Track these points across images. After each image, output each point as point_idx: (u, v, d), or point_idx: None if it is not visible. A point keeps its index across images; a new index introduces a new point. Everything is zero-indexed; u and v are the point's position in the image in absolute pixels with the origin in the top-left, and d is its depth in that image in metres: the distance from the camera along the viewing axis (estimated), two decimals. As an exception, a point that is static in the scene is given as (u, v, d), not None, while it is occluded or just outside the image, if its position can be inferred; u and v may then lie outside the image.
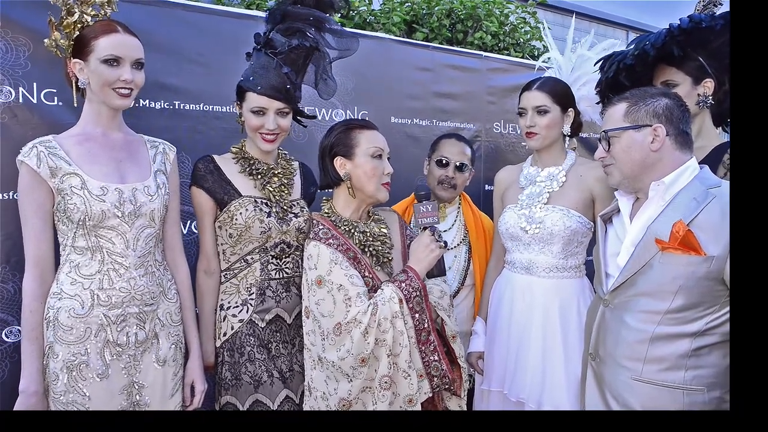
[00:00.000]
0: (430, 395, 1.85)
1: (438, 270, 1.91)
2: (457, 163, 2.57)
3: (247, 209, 2.00)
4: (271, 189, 2.07)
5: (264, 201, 2.05)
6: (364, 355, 1.73)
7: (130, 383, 1.81)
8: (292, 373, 2.06)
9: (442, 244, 1.89)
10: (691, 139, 1.70)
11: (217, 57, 2.48)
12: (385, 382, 1.75)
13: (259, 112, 2.02)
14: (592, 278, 2.34)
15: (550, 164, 2.34)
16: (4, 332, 2.06)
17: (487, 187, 3.37)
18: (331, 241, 1.86)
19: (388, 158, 1.95)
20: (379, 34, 3.60)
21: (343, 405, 1.76)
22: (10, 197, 2.03)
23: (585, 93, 2.61)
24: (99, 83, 1.77)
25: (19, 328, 2.03)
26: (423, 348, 1.82)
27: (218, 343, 2.06)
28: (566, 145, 2.37)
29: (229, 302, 2.06)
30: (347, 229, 1.91)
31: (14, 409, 1.71)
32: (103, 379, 1.76)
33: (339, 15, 4.04)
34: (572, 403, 2.20)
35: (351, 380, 1.75)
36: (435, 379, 1.84)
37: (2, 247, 2.04)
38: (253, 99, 2.01)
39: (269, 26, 2.08)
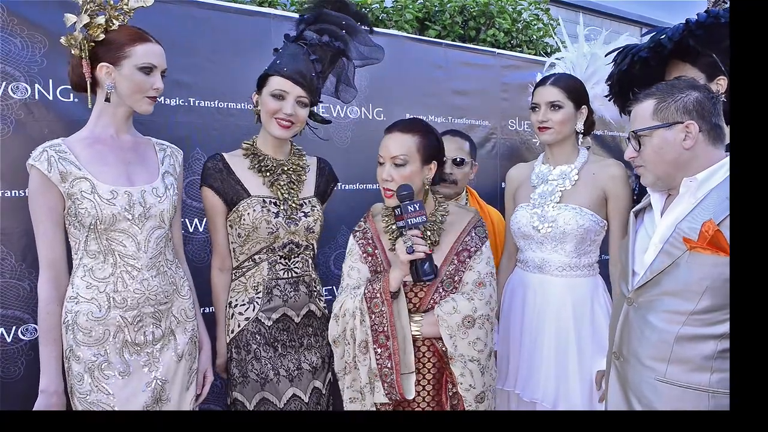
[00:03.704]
0: (386, 401, 1.84)
1: (422, 272, 1.79)
2: (457, 159, 2.56)
3: (254, 210, 2.00)
4: (279, 186, 2.06)
5: (272, 201, 2.03)
6: (334, 338, 1.94)
7: (152, 380, 1.82)
8: (300, 371, 2.06)
9: (410, 247, 1.79)
10: (724, 132, 1.64)
11: (231, 54, 2.47)
12: (350, 365, 1.92)
13: (280, 96, 1.99)
14: (605, 277, 2.33)
15: (562, 162, 2.31)
16: (20, 330, 2.06)
17: (503, 185, 3.34)
18: (357, 233, 2.03)
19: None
20: (391, 31, 3.59)
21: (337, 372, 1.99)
22: (27, 194, 2.01)
23: (599, 91, 2.59)
24: (131, 89, 1.78)
25: (35, 326, 2.03)
26: (380, 351, 1.84)
27: (227, 340, 2.07)
28: (579, 143, 2.34)
29: (236, 300, 2.06)
30: (387, 224, 1.99)
31: (35, 407, 1.73)
32: (125, 377, 1.77)
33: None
34: (585, 403, 2.19)
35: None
36: (386, 385, 1.83)
37: (18, 244, 2.04)
38: (276, 82, 2.00)
39: (302, 26, 2.09)
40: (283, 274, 2.05)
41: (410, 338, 1.87)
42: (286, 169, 2.10)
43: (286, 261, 2.06)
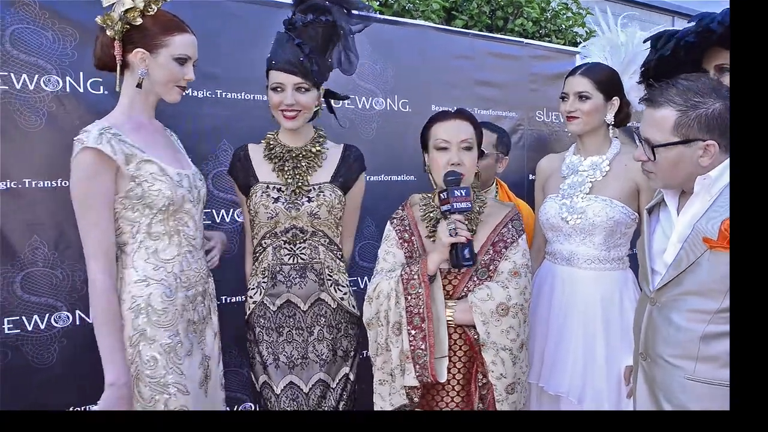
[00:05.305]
0: (417, 385, 1.85)
1: (462, 257, 1.80)
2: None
3: (256, 195, 2.04)
4: (284, 172, 2.07)
5: (276, 186, 2.06)
6: (367, 320, 1.96)
7: (203, 357, 1.88)
8: (305, 361, 2.06)
9: (453, 230, 1.80)
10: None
11: (259, 46, 2.47)
12: (383, 347, 1.93)
13: (278, 88, 2.01)
14: (636, 271, 2.29)
15: (594, 153, 2.28)
16: (53, 317, 2.11)
17: (531, 177, 3.31)
18: (395, 219, 2.05)
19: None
20: (417, 21, 3.56)
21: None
22: (59, 185, 2.06)
23: (636, 83, 2.52)
24: (165, 78, 1.79)
25: (67, 313, 2.08)
26: (414, 332, 1.84)
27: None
28: (610, 134, 2.30)
29: (250, 284, 2.13)
30: (425, 212, 2.01)
31: (101, 402, 1.68)
32: (189, 356, 1.82)
33: (378, 3, 4.02)
34: (613, 398, 2.16)
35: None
36: (417, 367, 1.83)
37: (51, 233, 2.08)
38: (272, 76, 2.02)
39: (293, 9, 2.09)
40: (288, 259, 2.06)
41: (445, 322, 1.88)
42: (294, 155, 2.09)
43: (291, 246, 2.06)
